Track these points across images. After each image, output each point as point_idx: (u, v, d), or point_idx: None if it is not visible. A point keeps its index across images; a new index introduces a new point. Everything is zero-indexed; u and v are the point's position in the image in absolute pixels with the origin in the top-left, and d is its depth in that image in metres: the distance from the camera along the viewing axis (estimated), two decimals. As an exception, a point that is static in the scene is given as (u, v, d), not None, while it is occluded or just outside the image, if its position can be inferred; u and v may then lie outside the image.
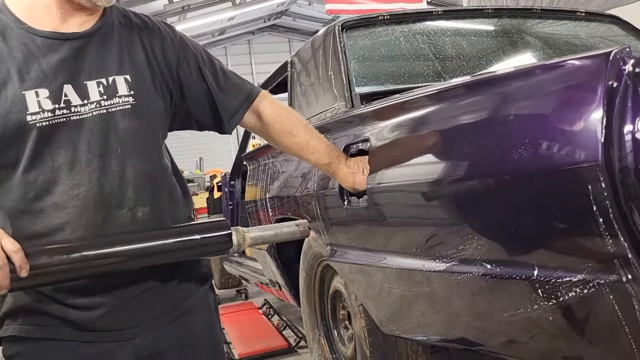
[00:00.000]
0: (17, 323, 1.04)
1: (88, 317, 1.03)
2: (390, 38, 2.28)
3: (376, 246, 1.58)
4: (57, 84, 1.01)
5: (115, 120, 1.05)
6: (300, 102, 2.58)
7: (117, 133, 1.05)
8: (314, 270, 2.30)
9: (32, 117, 0.99)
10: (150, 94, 1.11)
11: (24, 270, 0.91)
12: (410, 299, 1.49)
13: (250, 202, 3.05)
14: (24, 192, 1.00)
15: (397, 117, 1.51)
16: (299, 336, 3.26)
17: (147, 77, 1.12)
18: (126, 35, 1.13)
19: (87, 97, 1.03)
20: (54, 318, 1.03)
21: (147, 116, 1.10)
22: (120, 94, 1.06)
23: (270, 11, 12.59)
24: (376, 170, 1.52)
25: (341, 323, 2.23)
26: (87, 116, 1.03)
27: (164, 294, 1.10)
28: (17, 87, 0.99)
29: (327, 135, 1.99)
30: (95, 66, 1.06)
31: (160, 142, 1.15)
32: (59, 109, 1.01)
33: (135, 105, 1.07)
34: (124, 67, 1.09)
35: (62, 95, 1.01)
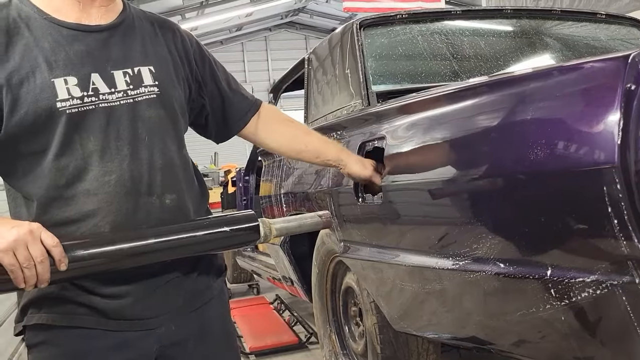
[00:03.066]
0: (42, 312, 1.05)
1: (115, 305, 1.05)
2: (407, 37, 2.28)
3: (389, 243, 1.59)
4: (85, 72, 1.03)
5: (141, 109, 1.07)
6: (316, 99, 2.60)
7: (144, 121, 1.07)
8: (327, 266, 2.32)
9: (62, 103, 1.00)
10: (173, 86, 1.14)
11: (63, 264, 0.92)
12: (422, 297, 1.50)
13: (264, 197, 3.08)
14: (54, 179, 1.01)
15: (414, 116, 1.52)
16: (310, 332, 3.27)
17: (169, 69, 1.14)
18: (147, 29, 1.16)
19: (114, 86, 1.05)
20: (80, 306, 1.04)
21: (171, 106, 1.12)
22: (146, 83, 1.08)
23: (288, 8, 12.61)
24: (391, 168, 1.53)
25: (352, 319, 2.24)
26: (115, 104, 1.04)
27: (187, 284, 1.12)
28: (46, 75, 1.00)
29: (343, 133, 2.00)
30: (120, 57, 1.08)
31: (182, 133, 1.18)
32: (87, 97, 1.02)
33: (159, 95, 1.09)
34: (148, 58, 1.11)
35: (90, 83, 1.03)
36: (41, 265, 0.90)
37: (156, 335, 1.08)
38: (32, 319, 1.05)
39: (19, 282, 0.89)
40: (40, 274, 0.90)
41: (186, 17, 9.92)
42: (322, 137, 1.47)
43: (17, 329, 1.11)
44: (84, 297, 1.04)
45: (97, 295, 1.04)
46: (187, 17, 9.93)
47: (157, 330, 1.08)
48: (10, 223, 0.92)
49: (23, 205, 1.04)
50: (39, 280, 0.91)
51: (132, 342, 1.06)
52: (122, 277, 1.04)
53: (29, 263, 0.89)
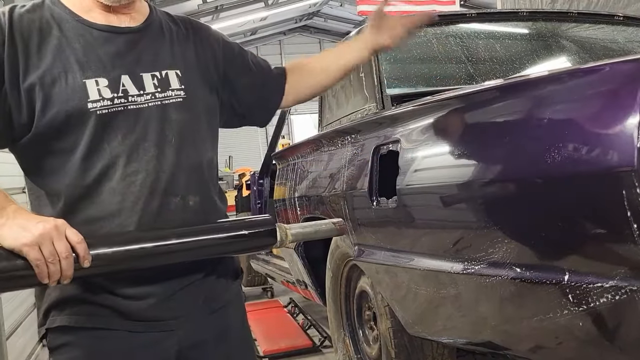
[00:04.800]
0: (64, 314, 1.05)
1: (137, 307, 1.05)
2: (422, 40, 2.27)
3: (404, 247, 1.58)
4: (115, 74, 1.05)
5: (168, 112, 1.08)
6: (330, 102, 2.60)
7: (171, 124, 1.08)
8: (341, 270, 2.31)
9: (93, 104, 1.02)
10: (199, 89, 1.15)
11: (87, 261, 0.92)
12: (437, 301, 1.49)
13: (278, 200, 3.08)
14: (82, 177, 1.02)
15: (429, 119, 1.52)
16: (324, 336, 3.27)
17: (196, 72, 1.16)
18: (175, 32, 1.18)
19: (143, 88, 1.07)
20: (103, 308, 1.05)
21: (197, 110, 1.13)
22: (173, 87, 1.10)
23: (302, 12, 12.63)
24: (405, 171, 1.52)
25: (366, 323, 2.23)
26: (144, 106, 1.06)
27: (206, 286, 1.13)
28: (78, 75, 1.02)
29: (358, 136, 2.00)
30: (149, 59, 1.10)
31: (209, 136, 1.17)
32: (117, 98, 1.04)
33: (186, 98, 1.11)
34: (175, 62, 1.13)
35: (120, 85, 1.05)
36: (66, 261, 0.90)
37: (176, 336, 1.09)
38: (54, 322, 1.06)
39: (42, 277, 0.89)
40: (64, 270, 0.90)
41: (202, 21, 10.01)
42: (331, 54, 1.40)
43: (40, 333, 1.11)
44: (105, 298, 1.04)
45: (119, 296, 1.04)
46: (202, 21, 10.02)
47: (177, 332, 1.09)
48: (35, 218, 0.92)
49: (48, 204, 1.05)
50: (62, 276, 0.91)
51: (154, 343, 1.07)
52: (144, 278, 1.05)
53: (54, 258, 0.89)
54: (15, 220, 0.90)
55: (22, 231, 0.89)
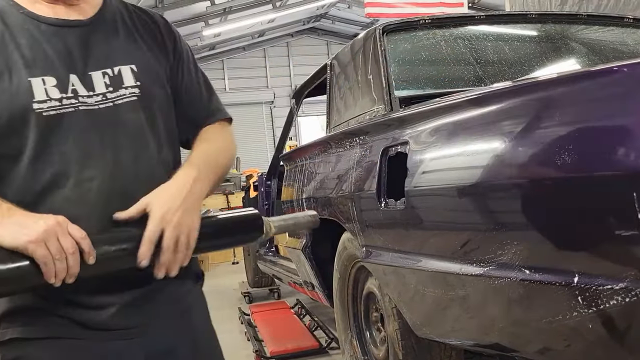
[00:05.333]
0: (17, 325, 0.98)
1: (98, 317, 0.99)
2: (431, 42, 2.28)
3: (412, 248, 1.58)
4: (63, 73, 0.97)
5: (121, 113, 1.01)
6: (338, 104, 2.60)
7: (126, 126, 1.01)
8: (348, 271, 2.32)
9: (39, 105, 0.94)
10: (156, 84, 1.07)
11: (92, 257, 0.88)
12: (445, 303, 1.49)
13: (286, 202, 3.09)
14: (30, 184, 0.94)
15: (437, 121, 1.52)
16: (331, 337, 3.27)
17: (153, 66, 1.08)
18: (130, 24, 1.10)
19: (92, 89, 0.99)
20: (59, 317, 0.98)
21: (153, 107, 1.06)
22: (126, 84, 1.03)
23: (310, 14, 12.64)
24: (414, 173, 1.53)
25: (374, 325, 2.23)
26: (95, 108, 0.99)
27: (168, 292, 1.07)
28: (23, 73, 0.94)
29: (366, 138, 2.00)
30: (100, 56, 1.02)
31: (166, 134, 1.09)
32: (66, 99, 0.96)
33: (140, 96, 1.03)
34: (130, 56, 1.05)
35: (70, 85, 0.97)
36: (72, 257, 0.86)
37: (141, 344, 1.03)
38: (5, 334, 0.98)
39: (50, 275, 0.85)
40: (70, 267, 0.86)
41: (209, 24, 10.02)
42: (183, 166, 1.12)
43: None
44: (62, 307, 0.98)
45: (77, 305, 0.98)
46: (210, 24, 10.03)
47: (142, 340, 1.03)
48: (32, 215, 0.88)
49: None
50: (68, 273, 0.87)
51: (117, 353, 1.01)
52: (102, 286, 0.98)
53: (61, 255, 0.85)
54: (11, 219, 0.87)
55: (22, 229, 0.85)
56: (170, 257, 0.95)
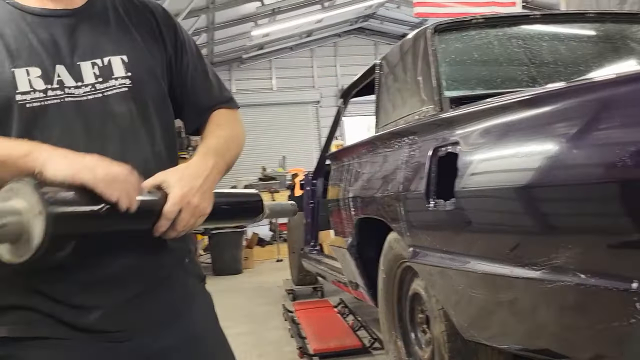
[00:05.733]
0: (4, 323, 0.95)
1: (83, 319, 0.96)
2: (483, 42, 2.25)
3: (460, 249, 1.57)
4: (49, 63, 0.95)
5: (111, 105, 0.98)
6: (386, 105, 2.60)
7: (115, 118, 0.98)
8: (394, 271, 2.31)
9: (22, 96, 0.92)
10: (148, 76, 1.04)
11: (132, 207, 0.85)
12: (493, 305, 1.47)
13: (332, 201, 3.11)
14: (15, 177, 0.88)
15: (489, 121, 1.50)
16: (374, 338, 3.27)
17: (146, 57, 1.05)
18: (123, 13, 1.06)
19: (80, 79, 0.96)
20: (45, 316, 0.95)
21: (144, 99, 1.02)
22: (116, 75, 1.00)
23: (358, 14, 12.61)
24: (464, 173, 1.51)
25: (419, 326, 2.22)
26: (83, 99, 0.96)
27: (162, 295, 1.04)
28: (6, 64, 0.92)
29: (415, 138, 2.00)
30: (89, 45, 0.99)
31: (159, 127, 1.06)
32: (51, 90, 0.94)
33: (132, 87, 1.00)
34: (121, 46, 1.02)
35: (55, 76, 0.95)
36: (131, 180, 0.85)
37: (129, 347, 1.00)
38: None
39: (116, 197, 0.83)
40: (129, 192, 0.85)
41: (259, 24, 10.15)
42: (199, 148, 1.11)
43: None
44: (47, 305, 0.95)
45: (62, 303, 0.95)
46: (259, 24, 10.16)
47: (130, 343, 1.00)
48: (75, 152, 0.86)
49: None
50: (129, 199, 0.85)
51: (104, 355, 0.98)
52: (89, 285, 0.96)
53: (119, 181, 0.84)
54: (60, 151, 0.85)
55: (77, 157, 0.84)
56: (175, 233, 0.96)
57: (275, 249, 7.22)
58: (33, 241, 0.77)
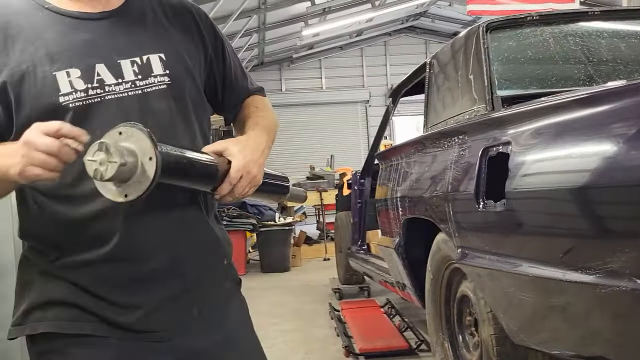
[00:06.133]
0: (47, 319, 0.98)
1: (125, 318, 0.99)
2: (538, 39, 2.19)
3: (511, 252, 1.54)
4: (88, 63, 0.97)
5: (151, 101, 1.00)
6: (436, 104, 2.57)
7: (154, 114, 1.00)
8: (442, 272, 2.29)
9: (65, 97, 0.94)
10: (186, 73, 1.07)
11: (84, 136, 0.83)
12: (545, 310, 1.44)
13: (379, 200, 3.10)
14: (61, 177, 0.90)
15: (543, 121, 1.46)
16: (421, 339, 3.23)
17: (183, 55, 1.07)
18: (158, 13, 1.09)
19: (121, 77, 0.99)
20: (88, 313, 0.98)
21: (182, 97, 1.05)
22: (155, 73, 1.02)
23: (409, 12, 12.48)
24: (515, 174, 1.48)
25: (467, 329, 2.19)
26: (123, 95, 0.98)
27: (201, 295, 1.06)
28: (47, 68, 0.95)
29: (465, 137, 1.97)
30: (128, 44, 1.02)
31: (197, 124, 1.09)
32: (92, 89, 0.96)
33: (170, 85, 1.03)
34: (159, 44, 1.04)
35: (95, 75, 0.97)
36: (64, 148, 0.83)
37: (170, 347, 1.03)
38: (37, 327, 0.99)
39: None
40: None
41: (309, 24, 10.22)
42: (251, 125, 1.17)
43: (13, 334, 1.02)
44: (91, 302, 0.98)
45: (106, 301, 0.98)
46: (309, 24, 10.23)
47: (170, 342, 1.03)
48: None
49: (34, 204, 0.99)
50: None
51: (144, 353, 1.01)
52: (132, 284, 0.99)
53: None
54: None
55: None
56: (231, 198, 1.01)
57: (323, 247, 7.24)
58: (144, 183, 0.82)
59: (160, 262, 1.01)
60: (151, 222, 0.99)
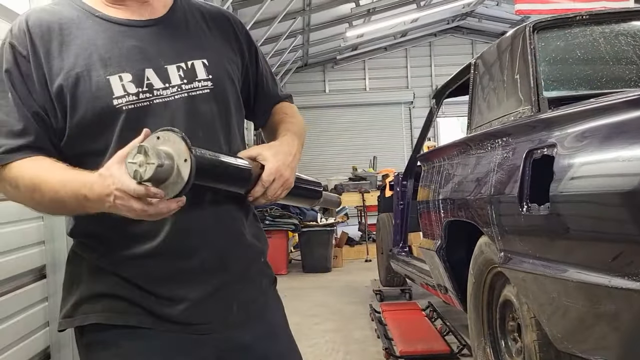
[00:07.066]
0: (96, 310, 1.03)
1: (170, 311, 1.03)
2: (587, 39, 2.13)
3: (556, 256, 1.50)
4: (139, 68, 1.02)
5: (196, 104, 1.05)
6: (481, 105, 2.54)
7: (199, 117, 1.04)
8: (484, 276, 2.25)
9: (118, 100, 0.99)
10: (226, 78, 1.11)
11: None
12: (591, 317, 1.40)
13: (421, 202, 3.08)
14: None
15: (592, 123, 1.43)
16: (462, 344, 3.19)
17: (223, 61, 1.12)
18: (200, 21, 1.14)
19: (168, 81, 1.03)
20: (135, 305, 1.02)
21: (224, 101, 1.10)
22: (200, 77, 1.06)
23: (455, 12, 12.30)
24: (561, 177, 1.45)
25: (510, 334, 2.15)
26: (170, 99, 1.03)
27: (240, 291, 1.10)
28: (101, 72, 1.00)
29: (509, 139, 1.93)
30: (173, 50, 1.06)
31: (237, 127, 1.14)
32: (142, 92, 1.01)
33: (213, 89, 1.07)
34: (202, 51, 1.09)
35: (145, 79, 1.02)
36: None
37: (212, 340, 1.06)
38: (87, 319, 1.03)
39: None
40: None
41: (353, 25, 10.21)
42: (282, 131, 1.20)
43: (63, 325, 1.07)
44: (138, 295, 1.02)
45: (152, 294, 1.02)
46: (354, 25, 10.22)
47: (213, 336, 1.06)
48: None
49: None
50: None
51: (188, 346, 1.04)
52: (177, 278, 1.03)
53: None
54: None
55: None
56: (265, 200, 1.06)
57: (364, 249, 7.24)
58: (179, 183, 0.86)
59: (204, 257, 1.05)
60: (195, 219, 1.03)
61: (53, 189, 0.95)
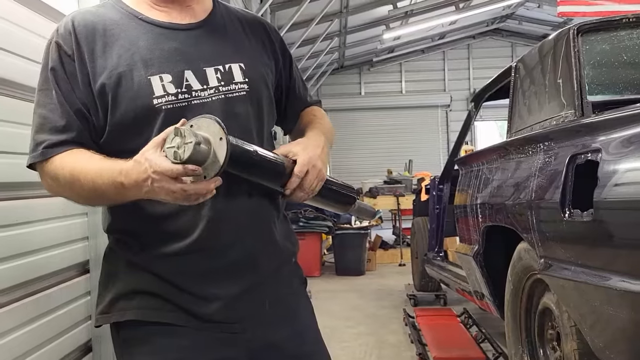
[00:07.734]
0: (132, 307, 1.05)
1: (204, 309, 1.05)
2: (634, 42, 2.07)
3: (599, 264, 1.47)
4: (178, 70, 1.05)
5: (232, 106, 1.08)
6: (521, 109, 2.49)
7: (235, 118, 1.07)
8: (523, 283, 2.21)
9: (158, 100, 1.02)
10: (262, 82, 1.14)
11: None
12: (634, 327, 1.36)
13: (459, 207, 3.04)
14: None
15: (638, 129, 1.39)
16: (498, 352, 3.13)
17: (258, 65, 1.15)
18: (237, 26, 1.18)
19: (206, 83, 1.07)
20: (169, 303, 1.05)
21: (259, 104, 1.13)
22: (236, 80, 1.10)
23: (495, 15, 12.10)
24: (605, 183, 1.41)
25: (548, 343, 2.10)
26: (208, 100, 1.06)
27: (271, 290, 1.12)
28: (143, 73, 1.03)
29: (551, 144, 1.90)
30: (212, 53, 1.10)
31: (268, 130, 1.18)
32: (181, 93, 1.04)
33: (249, 92, 1.10)
34: (239, 54, 1.13)
35: (184, 80, 1.05)
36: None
37: (245, 338, 1.08)
38: (124, 315, 1.06)
39: None
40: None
41: (390, 27, 10.16)
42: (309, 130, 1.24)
43: (100, 321, 1.10)
44: (173, 293, 1.05)
45: (186, 292, 1.05)
46: (391, 27, 10.17)
47: (246, 334, 1.08)
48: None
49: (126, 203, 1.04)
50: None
51: (221, 344, 1.06)
52: (211, 277, 1.05)
53: None
54: None
55: None
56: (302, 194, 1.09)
57: (398, 252, 7.19)
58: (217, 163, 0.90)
59: (237, 256, 1.07)
60: (229, 218, 1.06)
61: (91, 180, 0.98)
